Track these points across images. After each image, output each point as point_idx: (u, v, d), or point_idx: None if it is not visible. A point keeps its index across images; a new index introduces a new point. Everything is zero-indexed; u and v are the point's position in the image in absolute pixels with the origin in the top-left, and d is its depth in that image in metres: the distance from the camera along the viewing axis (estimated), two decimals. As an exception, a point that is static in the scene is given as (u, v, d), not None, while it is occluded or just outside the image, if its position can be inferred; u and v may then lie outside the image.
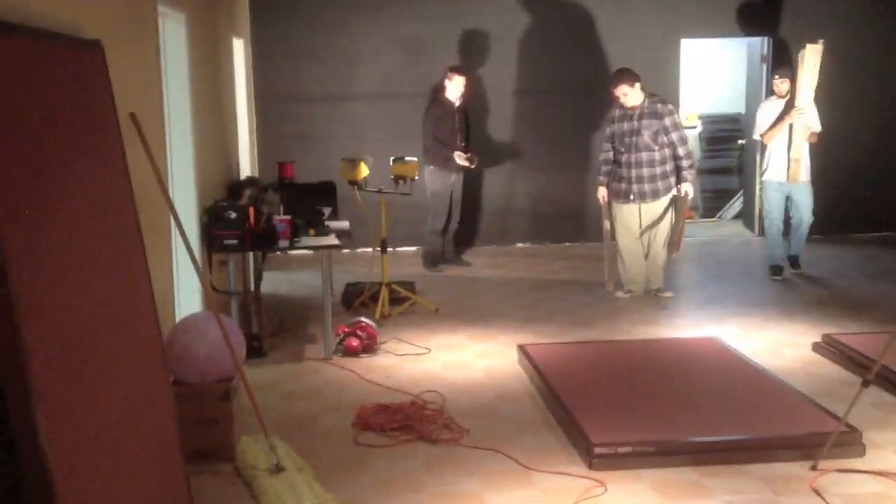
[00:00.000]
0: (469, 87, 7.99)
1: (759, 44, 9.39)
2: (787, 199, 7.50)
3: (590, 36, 9.02)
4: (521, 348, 5.49)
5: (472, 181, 8.64)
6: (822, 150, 7.48)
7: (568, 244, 9.25)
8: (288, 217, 5.66)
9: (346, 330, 5.66)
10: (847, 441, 4.03)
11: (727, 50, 10.65)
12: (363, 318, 5.81)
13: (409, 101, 8.80)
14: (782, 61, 8.71)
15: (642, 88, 6.76)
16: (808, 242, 7.77)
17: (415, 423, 4.41)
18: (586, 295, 7.13)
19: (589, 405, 4.47)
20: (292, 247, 5.63)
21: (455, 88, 7.87)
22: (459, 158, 7.79)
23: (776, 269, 7.60)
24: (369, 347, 5.66)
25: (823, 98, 9.01)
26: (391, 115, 8.95)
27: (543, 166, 9.12)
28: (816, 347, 5.61)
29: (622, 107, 6.81)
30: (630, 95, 6.72)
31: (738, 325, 6.21)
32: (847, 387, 4.81)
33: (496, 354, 5.66)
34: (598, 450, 3.95)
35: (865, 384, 3.97)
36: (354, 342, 5.60)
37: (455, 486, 3.83)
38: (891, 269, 7.83)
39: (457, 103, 7.92)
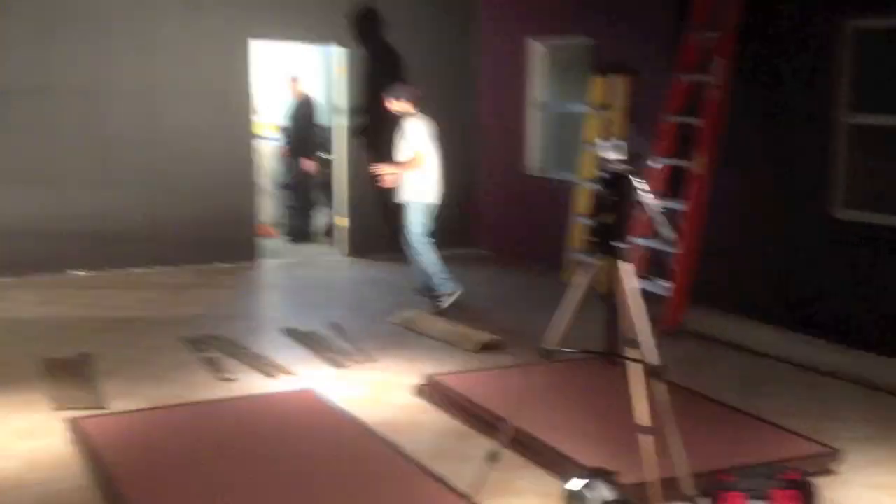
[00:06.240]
0: None
1: (335, 52, 8.87)
2: None
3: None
4: (75, 423, 4.30)
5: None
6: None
7: (136, 270, 7.99)
8: None
9: None
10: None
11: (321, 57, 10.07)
12: None
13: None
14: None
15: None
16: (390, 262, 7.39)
17: None
18: (162, 336, 6.04)
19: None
20: None
21: None
22: None
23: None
24: None
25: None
26: None
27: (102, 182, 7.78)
28: (420, 391, 5.15)
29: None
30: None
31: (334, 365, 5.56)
32: (459, 440, 4.38)
33: (45, 432, 4.37)
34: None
35: (492, 458, 3.54)
36: None
37: None
38: (481, 291, 7.73)
39: None
